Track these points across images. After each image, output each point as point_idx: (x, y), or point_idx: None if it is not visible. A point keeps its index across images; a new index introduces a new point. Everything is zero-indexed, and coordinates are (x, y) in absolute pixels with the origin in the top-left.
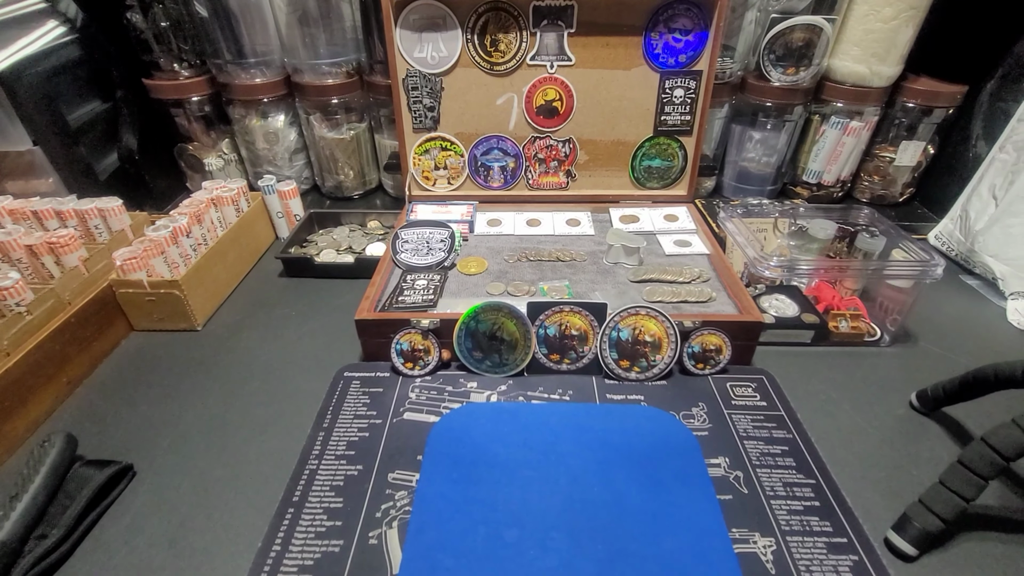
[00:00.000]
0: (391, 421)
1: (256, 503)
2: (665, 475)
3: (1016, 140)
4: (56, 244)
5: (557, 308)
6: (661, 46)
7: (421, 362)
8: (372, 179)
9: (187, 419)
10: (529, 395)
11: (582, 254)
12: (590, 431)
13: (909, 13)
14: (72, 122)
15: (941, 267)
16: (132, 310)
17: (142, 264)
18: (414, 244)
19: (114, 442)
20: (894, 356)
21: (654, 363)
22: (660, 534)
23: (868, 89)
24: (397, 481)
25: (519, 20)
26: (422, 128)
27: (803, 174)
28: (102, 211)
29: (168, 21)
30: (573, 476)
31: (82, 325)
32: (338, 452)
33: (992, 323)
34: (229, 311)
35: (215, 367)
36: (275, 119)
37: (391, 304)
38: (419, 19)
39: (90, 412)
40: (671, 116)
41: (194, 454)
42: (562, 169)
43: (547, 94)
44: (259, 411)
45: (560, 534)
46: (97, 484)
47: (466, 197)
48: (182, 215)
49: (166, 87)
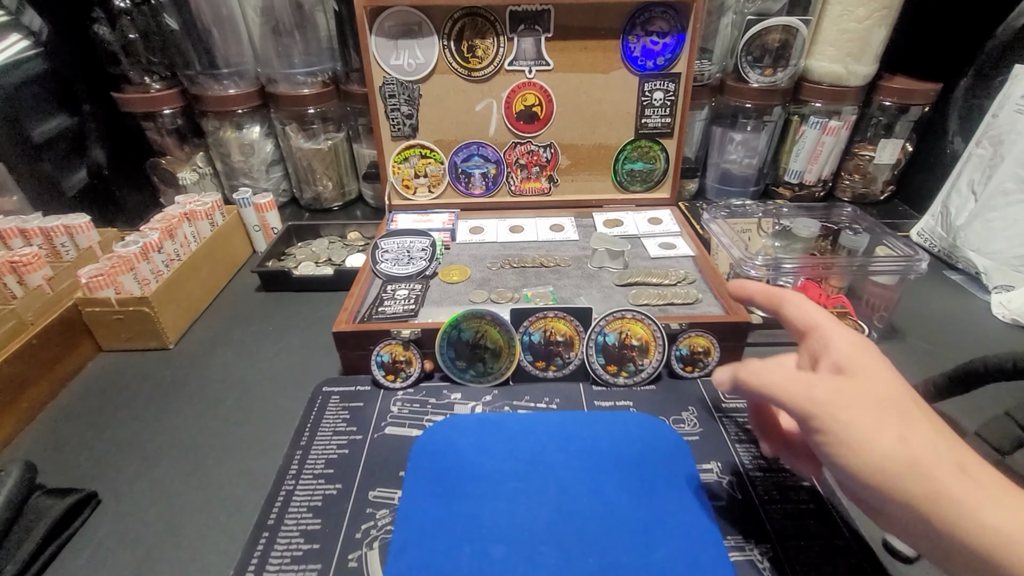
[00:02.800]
0: (372, 436)
1: (228, 529)
2: (656, 482)
3: (992, 135)
4: (19, 263)
5: (541, 314)
6: (639, 49)
7: (403, 374)
8: (351, 190)
9: (156, 442)
10: (515, 404)
11: (566, 259)
12: (578, 439)
13: (882, 13)
14: (36, 137)
15: (926, 261)
16: (99, 329)
17: (109, 281)
18: (394, 254)
19: (77, 469)
20: (882, 353)
21: (642, 367)
22: (653, 544)
23: (845, 88)
24: (378, 499)
25: (496, 25)
26: (401, 136)
27: (784, 174)
28: (68, 228)
29: (136, 33)
30: (562, 487)
31: (45, 347)
32: (316, 471)
33: (977, 317)
34: (203, 328)
35: (187, 387)
36: (250, 131)
37: (371, 315)
38: (394, 26)
39: (52, 438)
40: (651, 119)
41: (163, 479)
42: (544, 175)
43: (526, 99)
44: (233, 431)
45: (549, 548)
46: (57, 515)
47: (447, 205)
48: (153, 230)
49: (136, 100)
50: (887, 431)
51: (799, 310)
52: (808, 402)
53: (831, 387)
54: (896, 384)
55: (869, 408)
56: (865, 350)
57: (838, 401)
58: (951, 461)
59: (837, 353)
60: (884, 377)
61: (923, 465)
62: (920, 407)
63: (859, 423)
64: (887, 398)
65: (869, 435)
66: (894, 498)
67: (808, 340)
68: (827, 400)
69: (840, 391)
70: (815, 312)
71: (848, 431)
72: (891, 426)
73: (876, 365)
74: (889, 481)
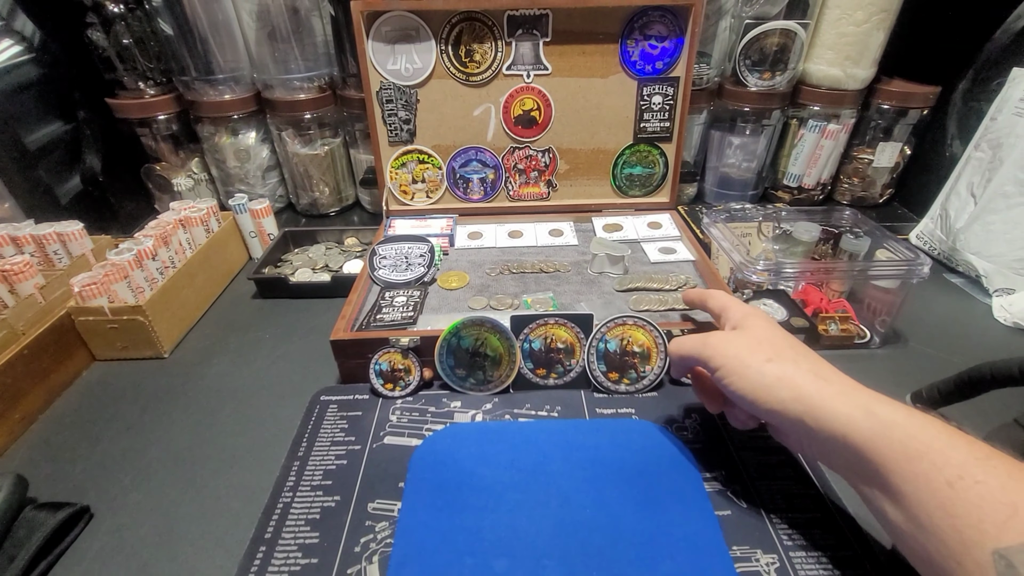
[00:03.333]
0: (371, 446)
1: (225, 542)
2: (660, 492)
3: (991, 138)
4: (10, 272)
5: (542, 321)
6: (638, 53)
7: (401, 382)
8: (348, 195)
9: (151, 454)
10: (516, 413)
11: (566, 265)
12: (580, 448)
13: (880, 16)
14: (30, 144)
15: (927, 266)
16: (93, 339)
17: (103, 290)
18: (392, 260)
19: (71, 482)
20: (885, 358)
21: (644, 374)
22: (658, 556)
23: (843, 92)
24: (377, 511)
25: (494, 30)
26: (398, 141)
27: (784, 178)
28: (61, 236)
29: (131, 38)
30: (564, 498)
31: (37, 357)
32: (314, 482)
33: (979, 320)
34: (198, 336)
35: (182, 396)
36: (246, 136)
37: (369, 323)
38: (391, 31)
39: (45, 450)
40: (650, 123)
41: (158, 491)
42: (543, 179)
43: (525, 104)
44: (229, 442)
45: (552, 562)
46: (49, 529)
47: (445, 210)
48: (147, 237)
49: (131, 106)
50: (759, 357)
51: (716, 299)
52: (706, 348)
53: (721, 336)
54: (770, 331)
55: (747, 345)
56: (753, 314)
57: (726, 343)
58: (809, 371)
59: (733, 318)
60: (762, 327)
61: (788, 376)
62: (788, 343)
63: (740, 355)
64: (762, 338)
65: (747, 361)
66: (772, 406)
67: (721, 317)
68: (717, 343)
69: (728, 337)
70: (725, 298)
71: (733, 362)
72: (762, 354)
73: (758, 323)
74: (766, 393)
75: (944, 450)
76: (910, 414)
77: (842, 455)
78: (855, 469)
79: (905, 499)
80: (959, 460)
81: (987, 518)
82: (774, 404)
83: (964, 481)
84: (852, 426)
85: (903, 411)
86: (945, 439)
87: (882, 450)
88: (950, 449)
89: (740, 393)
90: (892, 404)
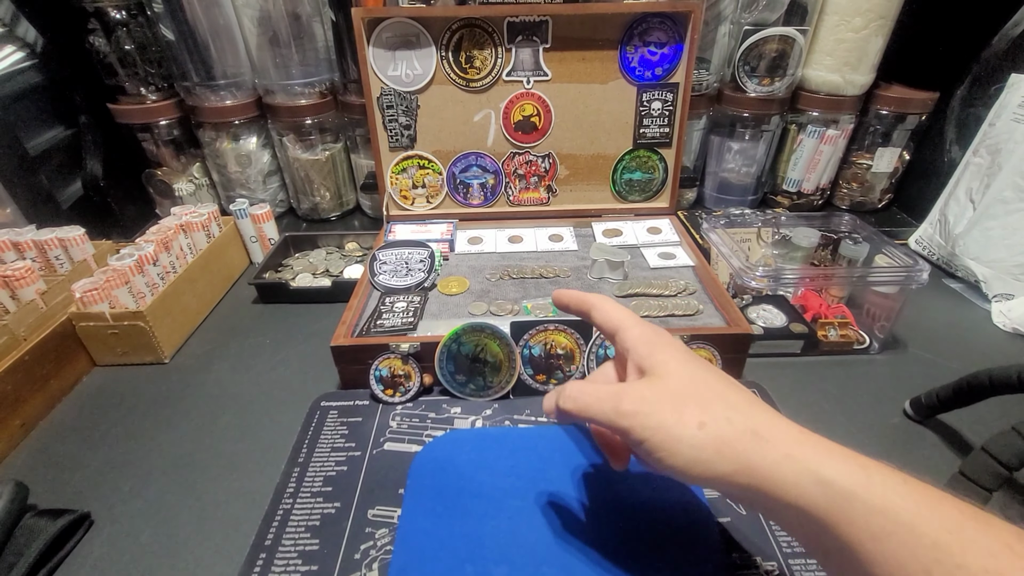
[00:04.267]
0: (371, 453)
1: (225, 549)
2: (660, 498)
3: (989, 144)
4: (11, 277)
5: (542, 327)
6: (637, 59)
7: (402, 388)
8: (349, 200)
9: (151, 460)
10: (515, 419)
11: (566, 270)
12: (580, 454)
13: (878, 23)
14: (32, 150)
15: (927, 272)
16: (94, 344)
17: (104, 295)
18: (392, 265)
19: (71, 488)
20: (884, 363)
21: None
22: (658, 563)
23: (842, 98)
24: (377, 518)
25: (493, 36)
26: (399, 147)
27: (783, 183)
28: (63, 241)
29: (133, 44)
30: (564, 503)
31: (38, 362)
32: (314, 489)
33: (978, 326)
34: (199, 342)
35: (183, 402)
36: (247, 141)
37: (369, 329)
38: (392, 37)
39: (45, 456)
40: (650, 129)
41: (158, 498)
42: (543, 184)
43: (525, 109)
44: (230, 448)
45: (552, 569)
46: (49, 537)
47: (446, 215)
48: (148, 243)
49: (132, 111)
50: (688, 423)
51: (604, 315)
52: (620, 417)
53: (635, 396)
54: (689, 374)
55: (669, 407)
56: (658, 346)
57: (643, 409)
58: (745, 430)
59: (636, 355)
60: (678, 371)
61: (725, 442)
62: (715, 391)
63: (665, 425)
64: (682, 392)
65: (675, 432)
66: (715, 484)
67: (615, 342)
68: (634, 411)
69: (644, 399)
70: (616, 313)
71: (658, 435)
72: (691, 417)
73: (670, 360)
74: (706, 468)
75: (914, 525)
76: (867, 478)
77: (804, 528)
78: (820, 543)
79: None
80: (932, 538)
81: None
82: (716, 480)
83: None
84: (803, 499)
85: (859, 474)
86: (912, 508)
87: (842, 527)
88: (920, 523)
89: (676, 471)
90: (843, 464)
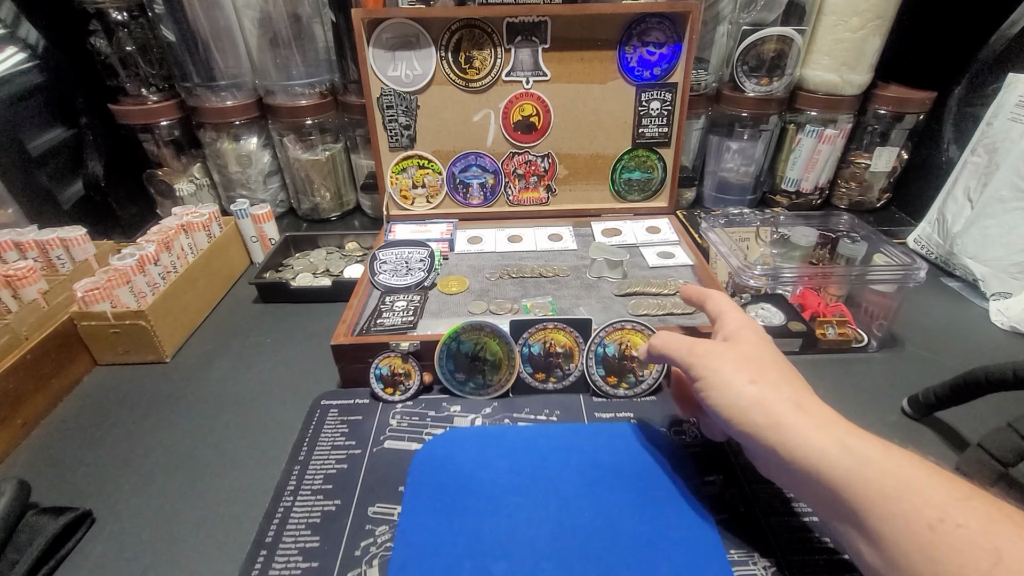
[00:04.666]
0: (371, 451)
1: (226, 546)
2: (659, 496)
3: (987, 143)
4: (13, 277)
5: (541, 325)
6: (636, 59)
7: (402, 387)
8: (349, 200)
9: (153, 458)
10: (515, 417)
11: (565, 269)
12: (579, 452)
13: (876, 22)
14: (33, 150)
15: (924, 270)
16: (95, 344)
17: (105, 295)
18: (393, 265)
19: (73, 487)
20: (882, 362)
21: (642, 378)
22: (656, 560)
23: (840, 97)
24: (378, 515)
25: (493, 37)
26: (398, 147)
27: (781, 182)
28: (64, 241)
29: (134, 45)
30: (563, 501)
31: (40, 362)
32: (315, 486)
33: (976, 324)
34: (200, 341)
35: (184, 401)
36: (247, 142)
37: (369, 328)
38: (392, 38)
39: (47, 455)
40: (649, 128)
41: (159, 496)
42: (542, 184)
43: (524, 110)
44: (231, 446)
45: (551, 565)
46: (51, 534)
47: (445, 215)
48: (149, 242)
49: (133, 112)
50: (742, 376)
51: (714, 303)
52: (690, 355)
53: (709, 346)
54: (760, 349)
55: (733, 361)
56: (747, 327)
57: (711, 355)
58: (789, 399)
59: (727, 328)
60: (753, 343)
61: (767, 401)
62: (776, 363)
63: (723, 370)
64: (749, 355)
65: (728, 379)
66: (746, 429)
67: (715, 324)
68: (703, 353)
69: (715, 349)
70: (724, 303)
71: (715, 376)
72: (746, 373)
73: (750, 337)
74: (742, 414)
75: (923, 489)
76: (887, 450)
77: (815, 490)
78: (829, 506)
79: (883, 541)
80: (939, 501)
81: (969, 564)
82: (748, 427)
83: (945, 524)
84: (826, 461)
85: (880, 446)
86: (924, 477)
87: (857, 488)
88: (929, 488)
89: (715, 409)
90: (868, 438)
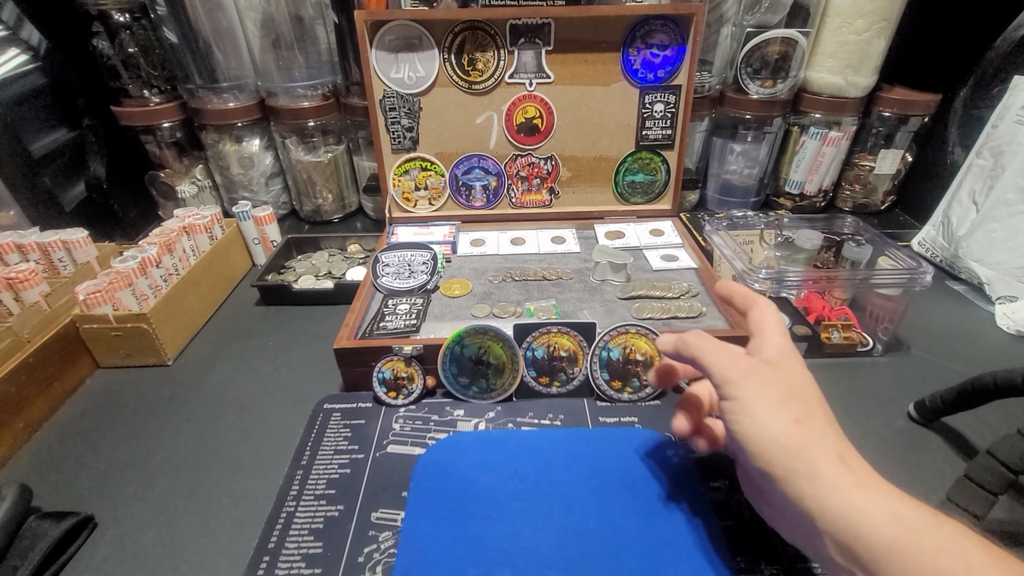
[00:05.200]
0: (374, 455)
1: (228, 552)
2: (664, 501)
3: (992, 146)
4: (15, 279)
5: (544, 329)
6: (639, 62)
7: (405, 391)
8: (352, 202)
9: (154, 462)
10: (519, 421)
11: (568, 272)
12: (583, 457)
13: (881, 25)
14: (35, 152)
15: (930, 274)
16: (97, 346)
17: (107, 297)
18: (395, 267)
19: (74, 491)
20: (888, 366)
21: (647, 383)
22: (661, 566)
23: (845, 99)
24: (381, 521)
25: (496, 39)
26: (401, 149)
27: (785, 185)
28: (66, 243)
29: (136, 47)
30: (567, 507)
31: (42, 365)
32: (317, 491)
33: (982, 328)
34: (202, 344)
35: (186, 404)
36: (250, 144)
37: (372, 331)
38: (395, 40)
39: (49, 459)
40: (652, 131)
41: (161, 500)
42: (545, 186)
43: (527, 112)
44: (233, 450)
45: (555, 572)
46: (53, 539)
47: (448, 217)
48: (151, 245)
49: (135, 114)
50: (787, 411)
51: (760, 312)
52: (732, 369)
53: (754, 364)
54: (807, 382)
55: (779, 389)
56: (791, 353)
57: (756, 376)
58: (833, 450)
59: (770, 350)
60: (799, 374)
61: (809, 447)
62: (822, 405)
63: (767, 397)
64: (796, 389)
65: (771, 410)
66: (775, 471)
67: (755, 338)
68: (747, 371)
69: (760, 370)
70: (771, 316)
71: (756, 401)
72: (791, 409)
73: (796, 366)
74: (777, 454)
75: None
76: (939, 522)
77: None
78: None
79: None
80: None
81: None
82: (778, 470)
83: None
84: (867, 526)
85: (931, 516)
86: (983, 557)
87: (905, 561)
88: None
89: (743, 439)
90: (918, 506)
